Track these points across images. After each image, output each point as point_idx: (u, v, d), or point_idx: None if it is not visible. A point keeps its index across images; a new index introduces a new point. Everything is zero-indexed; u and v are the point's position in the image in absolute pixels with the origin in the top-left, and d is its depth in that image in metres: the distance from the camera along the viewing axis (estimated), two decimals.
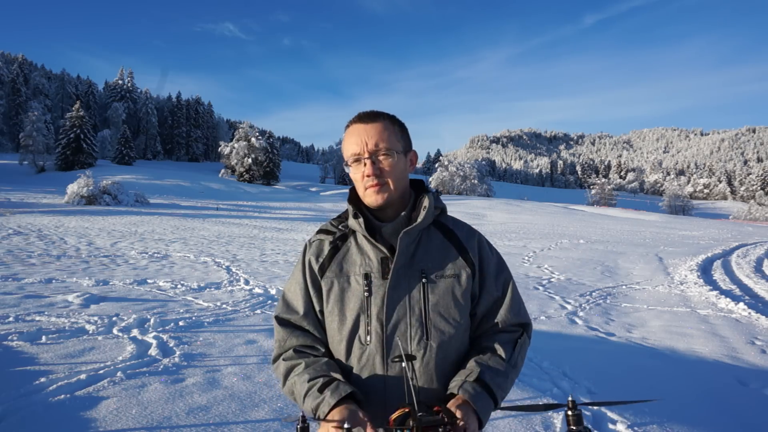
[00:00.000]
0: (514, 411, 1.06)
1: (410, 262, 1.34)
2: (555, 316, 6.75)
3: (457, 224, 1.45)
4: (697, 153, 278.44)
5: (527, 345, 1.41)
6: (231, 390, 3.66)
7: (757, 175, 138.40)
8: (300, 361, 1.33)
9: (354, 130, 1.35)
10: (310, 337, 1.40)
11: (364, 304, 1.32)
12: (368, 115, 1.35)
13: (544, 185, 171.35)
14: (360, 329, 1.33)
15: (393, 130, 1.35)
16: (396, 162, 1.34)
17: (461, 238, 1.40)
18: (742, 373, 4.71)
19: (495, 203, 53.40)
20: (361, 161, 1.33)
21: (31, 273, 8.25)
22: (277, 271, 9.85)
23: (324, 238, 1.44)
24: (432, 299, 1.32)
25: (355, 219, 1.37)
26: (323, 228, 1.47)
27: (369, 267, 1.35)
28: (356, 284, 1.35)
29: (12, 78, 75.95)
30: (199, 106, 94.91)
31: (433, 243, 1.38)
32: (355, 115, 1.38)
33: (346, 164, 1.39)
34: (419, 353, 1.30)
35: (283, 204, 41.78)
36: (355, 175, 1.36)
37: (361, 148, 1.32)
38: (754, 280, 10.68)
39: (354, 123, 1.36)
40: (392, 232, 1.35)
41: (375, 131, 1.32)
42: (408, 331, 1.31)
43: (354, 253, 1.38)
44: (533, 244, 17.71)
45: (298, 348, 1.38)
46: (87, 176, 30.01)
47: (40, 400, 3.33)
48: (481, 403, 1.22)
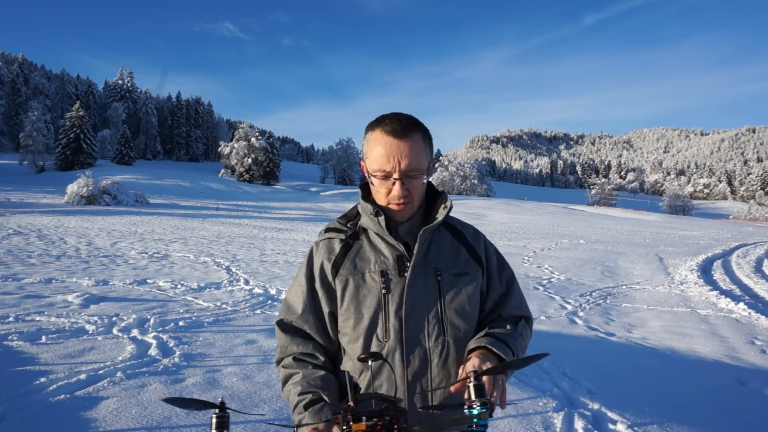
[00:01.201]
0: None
1: (425, 261, 1.36)
2: (555, 316, 6.75)
3: (462, 225, 1.48)
4: (697, 153, 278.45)
5: (529, 332, 1.44)
6: (231, 390, 3.66)
7: (757, 175, 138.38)
8: (297, 371, 1.33)
9: (385, 144, 1.28)
10: (311, 343, 1.39)
11: (382, 302, 1.32)
12: (402, 130, 1.28)
13: (544, 185, 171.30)
14: (378, 327, 1.32)
15: (423, 147, 1.32)
16: (423, 180, 1.34)
17: (468, 238, 1.44)
18: (742, 373, 4.71)
19: (495, 203, 53.40)
20: (390, 179, 1.30)
21: (31, 273, 8.25)
22: (277, 271, 9.84)
23: (334, 237, 1.42)
24: (448, 297, 1.34)
25: (376, 217, 1.34)
26: (331, 227, 1.45)
27: (385, 264, 1.35)
28: (372, 282, 1.34)
29: (12, 78, 75.94)
30: (199, 106, 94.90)
31: (444, 242, 1.40)
32: (384, 121, 1.31)
33: (368, 174, 1.35)
34: (436, 350, 1.32)
35: (283, 204, 41.77)
36: (378, 187, 1.33)
37: (393, 167, 1.28)
38: (754, 280, 10.68)
39: (386, 134, 1.28)
40: (408, 230, 1.37)
41: (408, 151, 1.27)
42: (426, 327, 1.32)
43: (368, 251, 1.38)
44: (533, 244, 17.70)
45: (298, 356, 1.37)
46: (87, 176, 30.02)
47: (40, 400, 3.33)
48: (497, 346, 1.25)
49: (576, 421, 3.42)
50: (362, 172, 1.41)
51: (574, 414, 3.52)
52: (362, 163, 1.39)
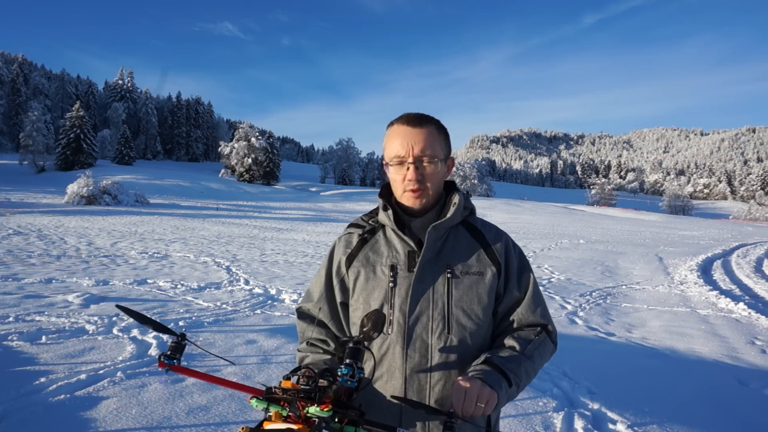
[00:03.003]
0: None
1: (437, 257, 1.37)
2: (555, 316, 6.75)
3: (485, 225, 1.47)
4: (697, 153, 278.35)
5: (549, 345, 1.40)
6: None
7: (757, 175, 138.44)
8: (308, 354, 1.43)
9: (400, 132, 1.36)
10: (324, 330, 1.47)
11: (389, 295, 1.35)
12: (416, 119, 1.36)
13: (544, 185, 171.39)
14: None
15: (438, 137, 1.37)
16: (437, 169, 1.37)
17: (488, 238, 1.43)
18: (742, 373, 4.71)
19: (495, 203, 53.43)
20: (404, 164, 1.35)
21: (31, 273, 8.25)
22: (277, 271, 9.84)
23: (353, 232, 1.48)
24: (456, 294, 1.34)
25: (384, 212, 1.41)
26: (354, 222, 1.52)
27: (396, 259, 1.38)
28: (382, 275, 1.38)
29: (12, 78, 75.98)
30: (199, 106, 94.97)
31: (461, 241, 1.41)
32: (400, 116, 1.39)
33: (385, 164, 1.41)
34: (438, 347, 1.33)
35: (283, 204, 41.80)
36: (395, 176, 1.38)
37: (407, 151, 1.33)
38: (754, 280, 10.69)
39: (400, 124, 1.37)
40: (421, 226, 1.38)
41: (422, 137, 1.34)
42: (429, 323, 1.33)
43: (382, 245, 1.42)
44: (533, 244, 17.71)
45: (312, 341, 1.46)
46: (87, 176, 30.04)
47: (40, 400, 3.33)
48: (490, 378, 1.22)
49: (576, 421, 3.42)
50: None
51: (574, 414, 3.52)
52: (383, 163, 1.46)
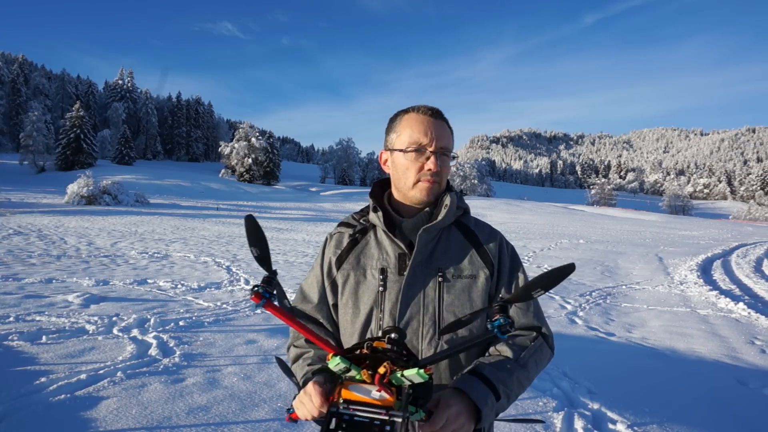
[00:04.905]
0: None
1: (428, 260, 1.32)
2: (555, 316, 6.75)
3: (478, 225, 1.42)
4: (697, 153, 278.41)
5: (545, 352, 1.33)
6: (231, 390, 3.67)
7: (756, 175, 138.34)
8: (309, 350, 1.35)
9: (422, 120, 1.31)
10: (322, 330, 1.42)
11: (378, 299, 1.32)
12: (437, 111, 1.34)
13: (543, 185, 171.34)
14: (372, 323, 1.32)
15: (451, 134, 1.36)
16: (449, 165, 1.36)
17: (482, 239, 1.38)
18: (742, 373, 4.71)
19: (495, 203, 53.43)
20: (424, 153, 1.30)
21: (31, 273, 8.25)
22: (277, 270, 9.83)
23: (344, 231, 1.43)
24: (447, 299, 1.30)
25: (374, 213, 1.36)
26: (344, 221, 1.47)
27: (386, 262, 1.34)
28: (372, 278, 1.34)
29: (12, 78, 75.94)
30: (199, 106, 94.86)
31: (453, 243, 1.36)
32: (416, 105, 1.35)
33: (400, 150, 1.33)
34: (429, 352, 1.28)
35: (283, 204, 41.79)
36: (409, 164, 1.31)
37: (430, 140, 1.29)
38: (753, 280, 10.69)
39: (420, 113, 1.32)
40: (412, 228, 1.33)
41: (444, 130, 1.32)
42: (420, 328, 1.29)
43: (372, 247, 1.37)
44: (533, 244, 17.71)
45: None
46: (87, 176, 30.03)
47: (40, 400, 3.33)
48: (476, 391, 1.13)
49: (576, 421, 3.42)
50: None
51: (574, 414, 3.52)
52: (382, 152, 1.41)
